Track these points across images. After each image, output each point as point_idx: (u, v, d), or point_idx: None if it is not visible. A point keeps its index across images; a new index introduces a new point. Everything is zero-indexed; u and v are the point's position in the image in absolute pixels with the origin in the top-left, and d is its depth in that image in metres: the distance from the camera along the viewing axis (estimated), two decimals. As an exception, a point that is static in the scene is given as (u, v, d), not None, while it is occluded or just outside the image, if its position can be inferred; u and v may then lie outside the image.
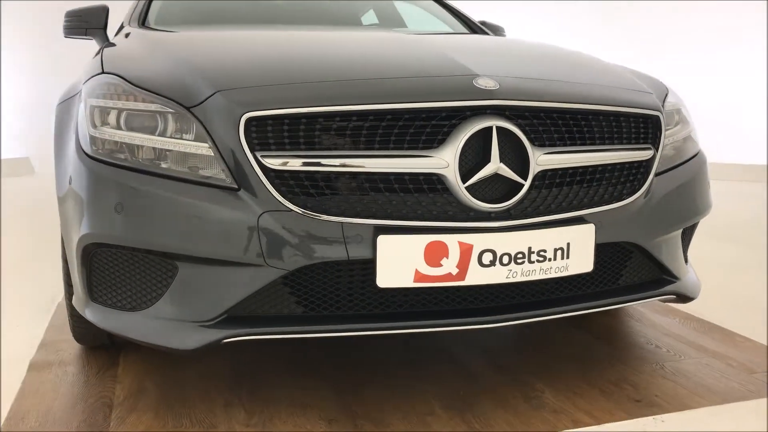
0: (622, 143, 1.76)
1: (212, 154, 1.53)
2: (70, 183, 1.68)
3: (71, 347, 2.18)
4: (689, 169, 1.94)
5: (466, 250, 1.52)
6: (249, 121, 1.50)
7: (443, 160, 1.51)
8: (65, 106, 1.92)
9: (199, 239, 1.51)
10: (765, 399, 1.81)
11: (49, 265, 3.24)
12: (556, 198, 1.64)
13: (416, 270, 1.50)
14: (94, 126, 1.65)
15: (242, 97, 1.54)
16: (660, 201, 1.81)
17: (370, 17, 3.77)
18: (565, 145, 1.66)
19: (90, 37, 3.05)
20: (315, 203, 1.50)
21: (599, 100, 1.73)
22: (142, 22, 2.83)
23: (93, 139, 1.64)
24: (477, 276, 1.53)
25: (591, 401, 1.79)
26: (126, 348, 2.13)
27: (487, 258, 1.53)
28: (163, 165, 1.57)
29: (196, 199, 1.52)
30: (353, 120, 1.52)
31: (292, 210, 1.49)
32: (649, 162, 1.79)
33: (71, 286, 1.85)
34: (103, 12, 2.92)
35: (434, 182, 1.53)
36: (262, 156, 1.49)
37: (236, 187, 1.51)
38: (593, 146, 1.70)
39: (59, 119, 1.92)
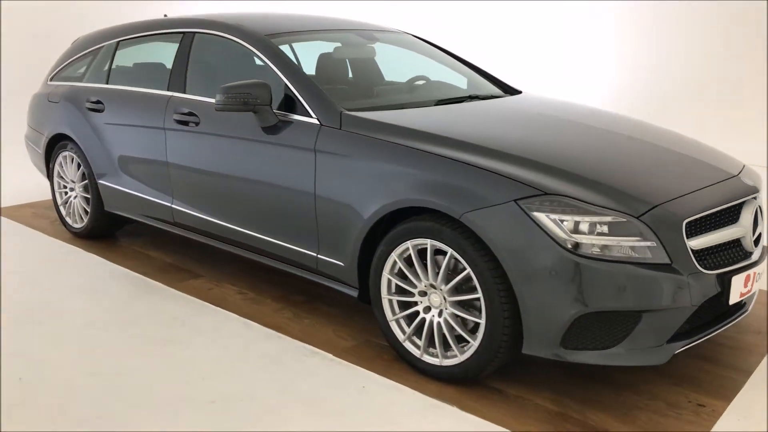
0: (754, 198, 3.20)
1: (655, 244, 2.49)
2: (551, 274, 2.45)
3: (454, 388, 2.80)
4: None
5: (753, 276, 2.79)
6: (687, 223, 2.53)
7: (743, 228, 2.75)
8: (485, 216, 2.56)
9: (657, 297, 2.49)
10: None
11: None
12: (758, 237, 3.01)
13: (740, 291, 2.73)
14: (567, 234, 2.45)
15: (677, 209, 2.54)
16: None
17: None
18: (754, 204, 3.02)
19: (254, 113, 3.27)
20: (704, 264, 2.60)
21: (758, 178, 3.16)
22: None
23: (575, 244, 2.44)
24: (754, 288, 2.83)
25: (717, 382, 3.21)
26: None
27: (758, 278, 2.83)
28: (635, 254, 2.47)
29: (651, 273, 2.48)
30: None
31: (700, 271, 2.57)
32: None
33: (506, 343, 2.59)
34: (267, 89, 3.22)
35: (737, 240, 2.76)
36: (688, 241, 2.54)
37: (670, 262, 2.52)
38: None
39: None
